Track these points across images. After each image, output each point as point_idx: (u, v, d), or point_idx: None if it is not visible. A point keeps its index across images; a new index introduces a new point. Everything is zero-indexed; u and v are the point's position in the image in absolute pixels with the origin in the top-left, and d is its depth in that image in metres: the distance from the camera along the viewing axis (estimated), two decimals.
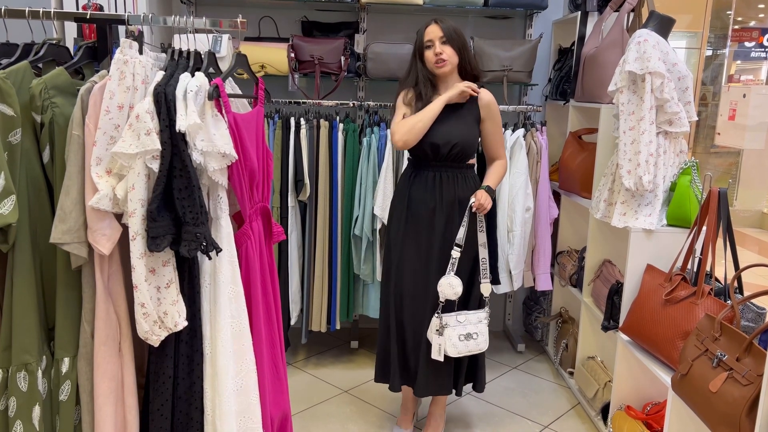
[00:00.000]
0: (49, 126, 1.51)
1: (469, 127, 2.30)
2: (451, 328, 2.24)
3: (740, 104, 5.81)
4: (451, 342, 2.23)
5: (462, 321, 2.26)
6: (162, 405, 1.58)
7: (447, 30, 2.25)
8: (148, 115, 1.42)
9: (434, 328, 2.25)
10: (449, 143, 2.24)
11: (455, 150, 2.26)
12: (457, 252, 2.25)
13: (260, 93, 1.80)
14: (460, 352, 2.26)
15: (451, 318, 2.25)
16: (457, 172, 2.32)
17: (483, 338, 2.29)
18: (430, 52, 2.26)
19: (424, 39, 2.27)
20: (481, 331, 2.29)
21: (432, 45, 2.25)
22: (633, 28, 2.67)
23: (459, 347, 2.25)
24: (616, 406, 2.41)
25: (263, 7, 3.21)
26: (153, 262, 1.49)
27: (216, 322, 1.62)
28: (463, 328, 2.25)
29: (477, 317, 2.29)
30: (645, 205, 2.29)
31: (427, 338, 2.30)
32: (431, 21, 2.28)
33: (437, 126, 2.24)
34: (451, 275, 2.24)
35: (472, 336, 2.26)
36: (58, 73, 1.53)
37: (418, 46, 2.30)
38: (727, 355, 1.66)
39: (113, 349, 1.57)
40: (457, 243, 2.25)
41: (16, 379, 1.53)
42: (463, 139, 2.26)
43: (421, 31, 2.29)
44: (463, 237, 2.25)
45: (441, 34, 2.24)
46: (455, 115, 2.29)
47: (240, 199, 1.66)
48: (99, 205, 1.45)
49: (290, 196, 2.89)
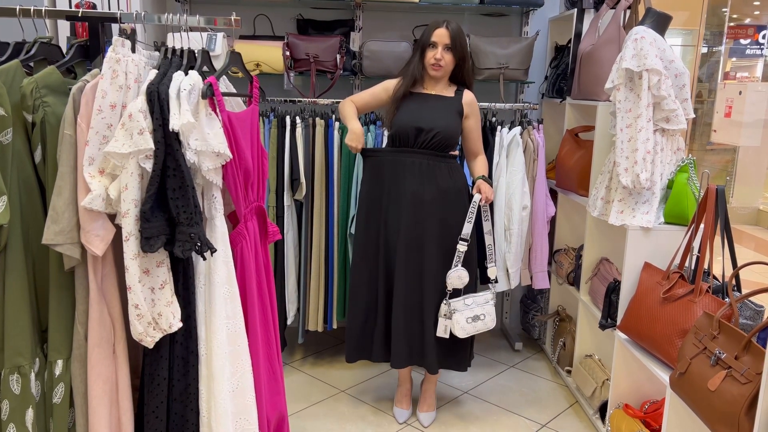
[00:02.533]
0: (40, 125, 1.49)
1: (453, 118, 2.42)
2: (459, 312, 2.36)
3: (736, 101, 5.81)
4: (459, 325, 2.36)
5: (469, 304, 2.38)
6: (157, 407, 1.57)
7: (454, 38, 2.35)
8: (141, 114, 1.41)
9: (443, 312, 2.37)
10: (432, 129, 2.35)
11: (437, 137, 2.36)
12: (464, 246, 2.36)
13: (255, 91, 1.79)
14: (469, 333, 2.38)
15: (458, 303, 2.37)
16: (441, 161, 2.40)
17: (490, 318, 2.41)
18: (431, 54, 2.36)
19: (431, 38, 2.36)
20: (488, 311, 2.40)
21: (436, 47, 2.35)
22: (629, 25, 2.66)
23: (467, 329, 2.37)
24: (614, 404, 2.40)
25: (258, 5, 3.19)
26: (147, 262, 1.48)
27: (211, 323, 1.61)
28: (471, 311, 2.37)
29: (484, 299, 2.41)
30: (642, 203, 2.28)
31: (425, 318, 2.41)
32: (444, 23, 2.36)
33: (423, 112, 2.36)
34: (459, 268, 2.37)
35: (480, 317, 2.38)
36: (49, 72, 1.52)
37: (424, 41, 2.38)
38: (725, 354, 1.65)
39: (107, 350, 1.56)
40: (463, 237, 2.37)
41: (9, 382, 1.52)
42: (445, 128, 2.37)
43: (431, 28, 2.37)
44: (469, 232, 2.37)
45: (448, 42, 2.34)
46: (440, 105, 2.41)
47: (235, 199, 1.65)
48: (92, 205, 1.43)
49: (286, 196, 2.87)
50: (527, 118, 3.09)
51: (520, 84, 3.26)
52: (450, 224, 2.40)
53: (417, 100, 2.43)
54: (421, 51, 2.39)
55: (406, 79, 2.42)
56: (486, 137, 2.92)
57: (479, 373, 3.08)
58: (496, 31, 3.30)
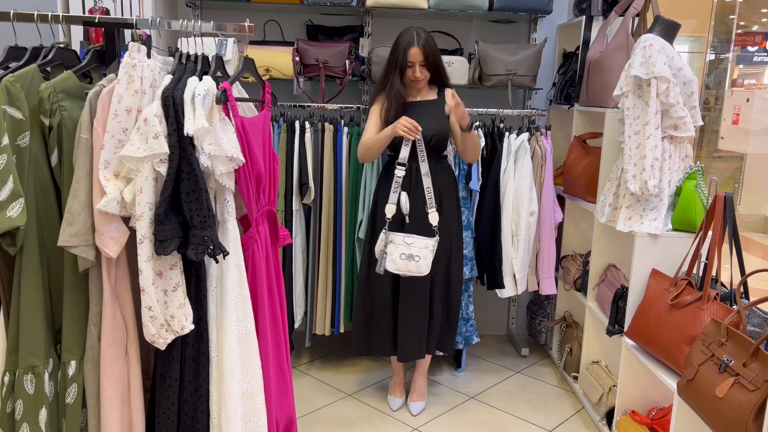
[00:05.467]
0: (57, 129, 1.52)
1: (442, 120, 2.55)
2: (395, 245, 2.39)
3: (744, 108, 5.80)
4: (391, 258, 2.38)
5: (409, 243, 2.40)
6: (168, 408, 1.58)
7: (426, 54, 2.46)
8: (156, 119, 1.43)
9: (380, 245, 2.42)
10: (427, 136, 2.47)
11: (433, 141, 2.50)
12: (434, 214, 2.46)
13: (267, 97, 1.81)
14: (399, 270, 2.40)
15: (397, 237, 2.41)
16: (436, 163, 2.55)
17: (425, 263, 2.39)
18: (410, 72, 2.49)
19: (407, 59, 2.46)
20: (425, 256, 2.39)
21: (413, 66, 2.47)
22: (638, 32, 2.68)
23: (398, 264, 2.39)
24: (621, 410, 2.40)
25: (268, 11, 3.22)
26: (160, 265, 1.50)
27: (222, 326, 1.62)
28: (407, 248, 2.39)
29: (424, 243, 2.40)
30: (650, 210, 2.29)
31: (433, 312, 2.56)
32: (413, 43, 2.45)
33: (417, 121, 2.42)
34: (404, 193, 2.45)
35: (414, 258, 2.38)
36: (66, 77, 1.54)
37: (401, 62, 2.46)
38: (733, 361, 1.66)
39: (120, 352, 1.58)
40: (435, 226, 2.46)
41: (23, 382, 1.54)
42: (438, 131, 2.52)
43: (405, 47, 2.45)
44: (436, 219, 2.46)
45: (422, 59, 2.46)
46: (428, 111, 2.55)
47: (247, 203, 1.67)
48: (107, 208, 1.45)
49: (295, 200, 2.89)
50: (535, 124, 3.10)
51: (527, 90, 3.27)
52: (446, 220, 2.56)
53: (407, 111, 2.51)
54: (399, 70, 2.48)
55: (393, 102, 2.50)
56: (494, 143, 2.94)
57: (486, 378, 3.08)
58: (504, 38, 3.31)
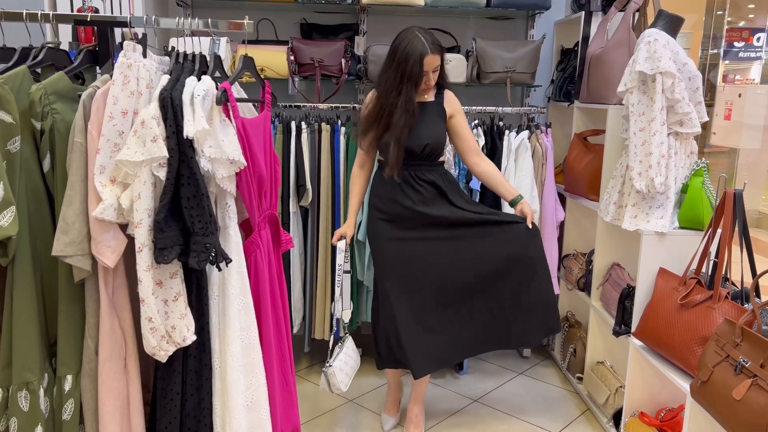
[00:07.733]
0: (49, 133, 1.45)
1: (438, 126, 2.37)
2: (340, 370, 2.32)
3: (736, 104, 5.81)
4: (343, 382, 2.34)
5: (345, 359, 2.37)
6: (170, 423, 1.52)
7: (441, 58, 2.26)
8: (153, 121, 1.36)
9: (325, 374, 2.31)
10: (421, 144, 2.30)
11: (427, 150, 2.32)
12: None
13: (267, 97, 1.74)
14: (350, 380, 2.37)
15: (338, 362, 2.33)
16: (432, 170, 2.37)
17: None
18: (425, 80, 2.25)
19: (422, 69, 2.20)
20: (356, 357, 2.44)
21: (427, 73, 2.23)
22: (638, 27, 2.64)
23: (351, 377, 2.39)
24: (629, 412, 2.36)
25: (261, 9, 3.15)
26: (160, 274, 1.43)
27: (225, 336, 1.56)
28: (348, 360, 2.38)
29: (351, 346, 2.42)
30: (656, 208, 2.25)
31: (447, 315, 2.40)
32: (427, 51, 2.18)
33: (414, 128, 2.28)
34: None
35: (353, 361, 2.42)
36: (58, 78, 1.47)
37: (416, 75, 2.20)
38: (750, 362, 1.62)
39: (118, 365, 1.51)
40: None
41: (17, 399, 1.47)
42: (433, 139, 2.33)
43: (418, 59, 2.17)
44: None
45: (437, 64, 2.24)
46: (425, 116, 2.33)
47: (249, 207, 1.61)
48: (103, 215, 1.38)
49: (292, 202, 2.83)
50: (534, 122, 3.06)
51: (525, 88, 3.23)
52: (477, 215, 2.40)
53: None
54: (415, 84, 2.21)
55: (408, 118, 2.24)
56: (494, 141, 2.89)
57: (488, 380, 3.04)
58: (501, 35, 3.27)
